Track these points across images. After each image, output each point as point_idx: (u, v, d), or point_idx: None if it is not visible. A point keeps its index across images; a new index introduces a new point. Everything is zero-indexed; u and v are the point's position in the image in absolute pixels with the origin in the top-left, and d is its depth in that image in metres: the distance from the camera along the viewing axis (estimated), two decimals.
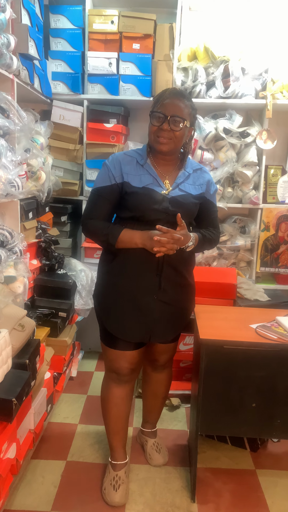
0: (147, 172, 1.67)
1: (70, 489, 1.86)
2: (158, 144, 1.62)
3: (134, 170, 1.67)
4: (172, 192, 1.66)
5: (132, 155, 1.71)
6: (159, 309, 1.71)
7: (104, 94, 2.70)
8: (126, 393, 1.83)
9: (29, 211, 2.24)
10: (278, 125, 2.84)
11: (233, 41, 2.65)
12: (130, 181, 1.65)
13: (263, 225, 2.81)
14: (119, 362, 1.75)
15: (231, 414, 1.74)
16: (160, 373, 1.98)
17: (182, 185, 1.69)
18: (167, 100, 1.59)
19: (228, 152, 2.71)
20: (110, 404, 1.82)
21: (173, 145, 1.63)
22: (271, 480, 1.95)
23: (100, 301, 1.79)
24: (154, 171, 1.68)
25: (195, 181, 1.73)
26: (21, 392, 1.60)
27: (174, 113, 1.57)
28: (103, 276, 1.78)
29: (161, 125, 1.58)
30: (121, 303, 1.71)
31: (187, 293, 1.81)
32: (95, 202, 1.71)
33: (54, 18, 2.64)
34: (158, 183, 1.66)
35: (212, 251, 2.80)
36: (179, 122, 1.58)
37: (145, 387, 2.06)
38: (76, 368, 2.84)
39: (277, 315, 1.91)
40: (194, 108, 1.67)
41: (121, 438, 1.87)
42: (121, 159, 1.69)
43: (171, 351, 1.92)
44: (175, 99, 1.59)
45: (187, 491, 1.86)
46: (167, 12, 2.74)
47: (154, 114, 1.60)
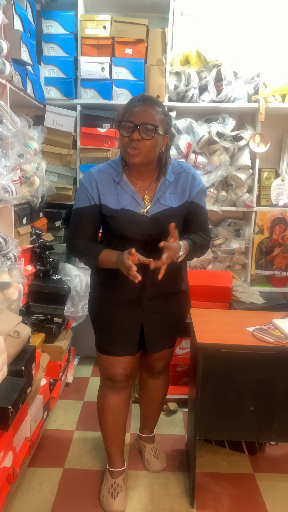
0: (124, 190, 1.58)
1: (68, 497, 1.84)
2: (129, 156, 1.51)
3: (111, 190, 1.58)
4: (152, 208, 1.57)
5: (108, 171, 1.61)
6: (149, 320, 1.67)
7: (97, 99, 2.70)
8: (122, 400, 1.80)
9: (23, 217, 2.23)
10: (271, 128, 2.86)
11: (225, 45, 2.67)
12: (107, 203, 1.57)
13: (257, 228, 2.82)
14: (114, 369, 1.73)
15: (229, 418, 1.73)
16: (156, 379, 1.96)
17: (162, 198, 1.59)
18: (136, 108, 1.48)
19: (221, 155, 2.73)
20: (106, 411, 1.80)
21: (145, 156, 1.50)
22: (270, 484, 1.95)
23: (91, 312, 1.78)
24: (132, 188, 1.59)
25: (177, 189, 1.62)
26: (17, 399, 1.59)
27: (144, 120, 1.45)
28: (93, 288, 1.76)
29: (131, 134, 1.47)
30: (108, 316, 1.69)
31: (180, 300, 1.76)
32: (78, 223, 1.64)
33: (47, 24, 2.65)
34: (137, 201, 1.57)
35: (207, 255, 2.81)
36: (150, 130, 1.46)
37: (141, 393, 2.04)
38: (72, 374, 2.81)
39: (273, 317, 1.91)
40: (167, 115, 1.56)
41: (119, 445, 1.85)
42: (97, 178, 1.59)
43: (167, 357, 1.90)
44: (145, 106, 1.48)
45: (186, 497, 1.85)
46: (159, 17, 2.75)
47: (122, 124, 1.49)
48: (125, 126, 1.49)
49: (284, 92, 2.65)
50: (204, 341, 1.68)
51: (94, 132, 2.69)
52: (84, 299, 2.56)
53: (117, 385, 1.76)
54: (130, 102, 1.52)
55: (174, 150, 2.69)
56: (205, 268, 2.86)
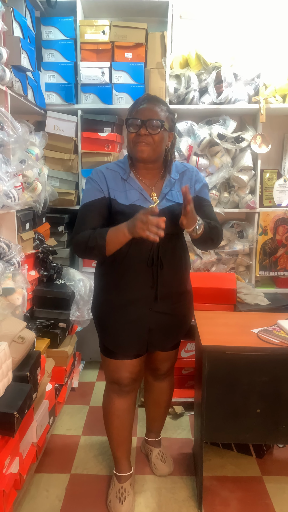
0: (132, 187, 1.62)
1: (75, 502, 1.83)
2: (137, 152, 1.57)
3: (119, 186, 1.62)
4: (160, 204, 1.61)
5: (115, 169, 1.66)
6: (155, 320, 1.68)
7: (97, 103, 2.71)
8: (129, 405, 1.80)
9: (26, 222, 2.23)
10: (272, 129, 2.86)
11: (225, 47, 2.68)
12: (116, 198, 1.60)
13: (260, 229, 2.81)
14: (120, 372, 1.73)
15: (235, 421, 1.72)
16: (161, 382, 1.96)
17: (169, 195, 1.64)
18: (142, 106, 1.57)
19: (223, 157, 2.72)
20: (113, 416, 1.80)
21: (152, 151, 1.57)
22: (279, 487, 1.93)
23: (96, 315, 1.77)
24: (139, 185, 1.63)
25: (183, 184, 1.67)
26: (22, 405, 1.58)
27: (150, 116, 1.54)
28: (98, 291, 1.76)
29: (138, 130, 1.54)
30: (115, 318, 1.68)
31: (185, 300, 1.78)
32: (84, 217, 1.62)
33: (46, 30, 2.66)
34: (145, 197, 1.61)
35: (210, 257, 2.80)
36: (156, 125, 1.53)
37: (147, 396, 2.04)
38: (77, 379, 2.81)
39: (278, 318, 1.90)
40: (172, 112, 1.64)
41: (125, 449, 1.85)
42: (106, 174, 1.64)
43: (172, 359, 1.90)
44: (150, 104, 1.57)
45: (194, 501, 1.84)
46: (158, 20, 2.76)
47: (130, 121, 1.56)
48: (132, 123, 1.56)
49: (285, 93, 2.65)
50: (209, 344, 1.67)
51: (95, 137, 2.70)
52: (89, 303, 2.56)
53: (123, 389, 1.76)
54: (136, 102, 1.61)
55: (176, 152, 2.69)
56: (209, 270, 2.86)
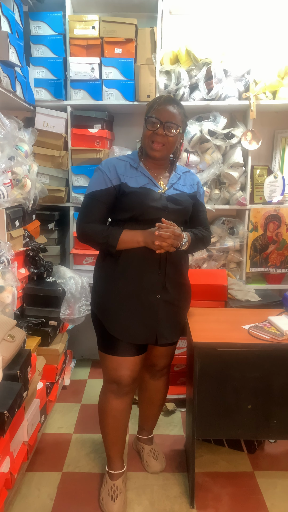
0: (142, 174, 1.71)
1: (67, 501, 1.82)
2: (152, 151, 1.66)
3: (129, 172, 1.70)
4: (168, 191, 1.71)
5: (125, 159, 1.74)
6: (163, 309, 1.70)
7: (87, 99, 2.68)
8: (125, 405, 1.79)
9: (16, 219, 2.21)
10: (262, 125, 2.86)
11: (215, 43, 2.66)
12: (127, 182, 1.66)
13: (251, 226, 2.82)
14: (121, 370, 1.71)
15: (227, 417, 1.73)
16: (157, 380, 1.95)
17: (176, 185, 1.74)
18: (162, 106, 1.63)
19: (213, 154, 2.72)
20: (109, 416, 1.78)
21: (166, 151, 1.68)
22: (270, 482, 1.94)
23: (101, 306, 1.74)
24: (148, 173, 1.72)
25: (186, 182, 1.79)
26: (13, 404, 1.57)
27: (168, 119, 1.61)
28: (102, 281, 1.74)
29: (156, 130, 1.62)
30: (125, 306, 1.68)
31: (186, 293, 1.82)
32: (91, 206, 1.69)
33: (35, 25, 2.63)
34: (154, 183, 1.70)
35: (201, 253, 2.80)
36: (172, 128, 1.62)
37: (141, 394, 2.03)
38: (69, 377, 2.80)
39: (269, 315, 1.91)
40: (186, 116, 1.72)
41: (119, 448, 1.84)
42: (115, 163, 1.71)
43: (170, 355, 1.91)
44: (170, 106, 1.63)
45: (186, 497, 1.84)
46: (147, 16, 2.74)
47: (149, 119, 1.63)
48: (151, 121, 1.63)
49: (275, 89, 2.65)
50: (200, 340, 1.67)
51: (85, 133, 2.68)
52: (80, 301, 2.54)
53: (122, 389, 1.74)
54: (157, 100, 1.67)
55: None
56: (200, 267, 2.86)
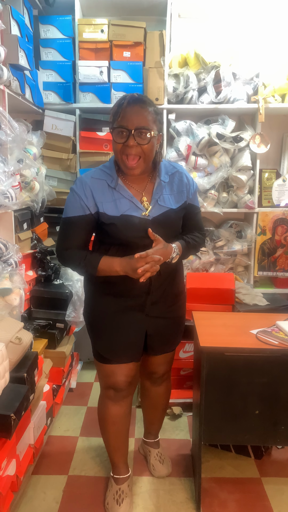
0: (121, 195, 1.53)
1: (73, 504, 1.81)
2: (128, 169, 1.48)
3: (107, 196, 1.52)
4: (153, 211, 1.53)
5: (101, 177, 1.55)
6: (152, 324, 1.66)
7: (96, 102, 2.69)
8: (124, 410, 1.77)
9: (24, 222, 2.22)
10: (271, 128, 2.85)
11: (224, 46, 2.66)
12: (105, 211, 1.50)
13: (259, 229, 2.80)
14: (115, 376, 1.69)
15: (234, 422, 1.71)
16: (158, 386, 1.92)
17: (160, 200, 1.56)
18: (127, 111, 1.42)
19: (222, 157, 2.71)
20: (108, 423, 1.77)
21: (144, 164, 1.48)
22: (277, 488, 1.92)
23: (88, 321, 1.73)
24: (129, 193, 1.54)
25: (173, 189, 1.60)
26: (19, 407, 1.57)
27: (138, 124, 1.41)
28: (89, 295, 1.70)
29: (126, 141, 1.42)
30: (109, 323, 1.64)
31: (179, 301, 1.76)
32: (69, 232, 1.57)
33: (44, 29, 2.64)
34: (136, 205, 1.53)
35: (209, 257, 2.79)
36: (145, 134, 1.42)
37: (144, 401, 2.01)
38: (75, 380, 2.80)
39: (277, 319, 1.89)
40: (159, 113, 1.52)
41: (122, 453, 1.83)
42: (91, 186, 1.52)
43: (169, 362, 1.88)
44: (136, 107, 1.42)
45: (192, 503, 1.83)
46: (156, 19, 2.75)
47: (115, 130, 1.44)
48: (118, 132, 1.43)
49: (284, 92, 2.64)
50: (208, 345, 1.66)
51: (94, 136, 2.68)
52: None
53: (119, 394, 1.72)
54: (120, 104, 1.45)
55: (174, 152, 2.68)
56: (207, 271, 2.84)
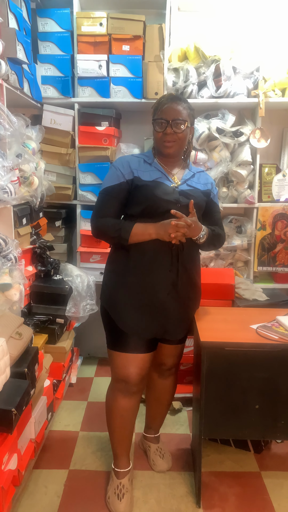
0: (156, 168, 1.74)
1: (74, 498, 1.83)
2: (165, 148, 1.70)
3: (143, 167, 1.74)
4: (181, 186, 1.73)
5: (139, 156, 1.80)
6: (171, 306, 1.72)
7: (95, 97, 2.67)
8: (133, 404, 1.79)
9: (23, 217, 2.21)
10: (271, 123, 2.83)
11: (224, 40, 2.64)
12: (140, 176, 1.71)
13: (259, 224, 2.80)
14: (129, 368, 1.71)
15: (234, 417, 1.72)
16: (165, 379, 1.96)
17: (189, 181, 1.77)
18: (166, 106, 1.68)
19: (222, 152, 2.70)
20: (116, 415, 1.79)
21: (178, 147, 1.71)
22: (277, 482, 1.93)
23: (110, 299, 1.76)
24: (162, 168, 1.76)
25: (200, 180, 1.81)
26: (20, 401, 1.57)
27: (174, 117, 1.65)
28: (113, 275, 1.77)
29: (164, 130, 1.66)
30: (133, 300, 1.70)
31: (196, 293, 1.84)
32: (104, 201, 1.74)
33: (42, 22, 2.62)
34: (167, 177, 1.73)
35: (209, 252, 2.79)
36: (180, 124, 1.66)
37: (149, 394, 2.03)
38: (75, 375, 2.80)
39: (277, 314, 1.90)
40: (192, 108, 1.75)
41: (126, 446, 1.85)
42: (129, 159, 1.76)
43: (178, 354, 1.92)
44: (173, 103, 1.68)
45: (192, 496, 1.84)
46: (156, 13, 2.72)
47: (156, 121, 1.69)
48: (158, 123, 1.68)
49: (284, 86, 2.62)
50: (208, 340, 1.66)
51: (93, 131, 2.67)
52: (85, 299, 2.54)
53: (130, 388, 1.74)
54: (160, 101, 1.72)
55: None
56: (207, 266, 2.84)
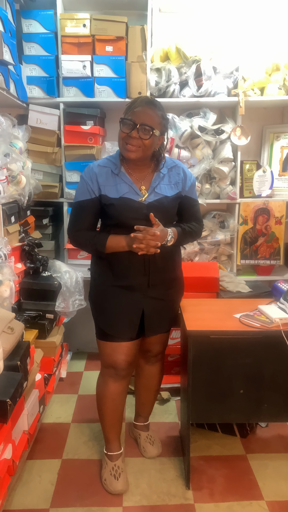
0: (123, 181, 1.71)
1: (68, 486, 1.89)
2: (126, 152, 1.66)
3: (110, 181, 1.71)
4: (149, 197, 1.71)
5: (107, 165, 1.74)
6: (149, 305, 1.78)
7: (79, 96, 2.72)
8: (123, 388, 1.88)
9: (11, 215, 2.25)
10: (251, 121, 2.93)
11: (204, 41, 2.72)
12: (107, 193, 1.69)
13: (241, 219, 2.89)
14: (116, 355, 1.80)
15: (220, 402, 1.81)
16: (152, 366, 2.03)
17: (157, 188, 1.74)
18: (138, 108, 1.62)
19: (204, 149, 2.78)
20: (107, 399, 1.87)
21: (141, 153, 1.66)
22: (262, 463, 2.03)
23: (93, 299, 1.86)
24: (129, 179, 1.72)
25: (171, 180, 1.77)
26: (14, 393, 1.63)
27: (143, 121, 1.60)
28: (95, 276, 1.85)
29: (130, 132, 1.61)
30: (111, 302, 1.78)
31: (176, 286, 1.89)
32: (78, 215, 1.76)
33: (26, 23, 2.66)
34: (134, 190, 1.71)
35: (193, 247, 2.87)
36: (148, 131, 1.60)
37: (137, 381, 2.11)
38: (65, 369, 2.85)
39: (259, 304, 1.98)
40: (165, 118, 1.71)
41: (117, 430, 1.93)
42: (97, 172, 1.72)
43: (163, 342, 1.98)
44: (146, 108, 1.62)
45: (182, 479, 1.92)
46: (137, 14, 2.78)
47: (124, 121, 1.63)
48: (126, 123, 1.62)
49: (263, 86, 2.72)
50: (194, 329, 1.74)
51: (78, 130, 2.72)
52: (74, 295, 2.59)
53: (119, 373, 1.82)
54: (134, 102, 1.66)
55: None
56: (192, 260, 2.93)
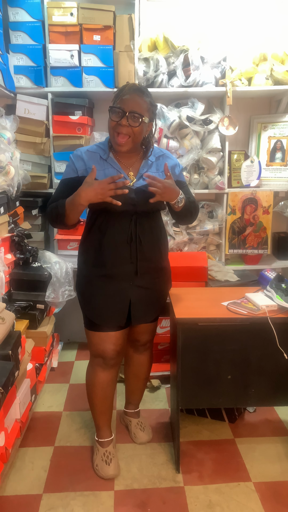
0: (111, 165, 1.72)
1: (60, 472, 1.92)
2: (117, 145, 1.66)
3: (98, 165, 1.70)
4: (137, 183, 1.72)
5: (95, 150, 1.75)
6: (136, 293, 1.79)
7: (67, 86, 2.71)
8: (112, 377, 1.90)
9: (0, 206, 2.25)
10: (239, 111, 2.95)
11: (191, 30, 2.71)
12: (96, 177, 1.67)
13: (229, 209, 2.92)
14: (104, 345, 1.81)
15: (208, 387, 1.85)
16: (141, 354, 2.06)
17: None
18: (126, 96, 1.61)
19: (192, 139, 2.80)
20: (97, 388, 1.89)
21: (132, 143, 1.66)
22: (249, 447, 2.08)
23: (79, 289, 1.86)
24: (118, 164, 1.73)
25: (158, 169, 1.78)
26: (6, 381, 1.65)
27: (132, 108, 1.59)
28: (81, 266, 1.85)
29: (119, 120, 1.61)
30: (97, 291, 1.78)
31: (163, 276, 1.89)
32: (60, 191, 1.77)
33: (13, 11, 2.62)
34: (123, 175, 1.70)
35: (182, 237, 2.90)
36: (137, 118, 1.60)
37: (127, 369, 2.14)
38: (56, 359, 2.88)
39: (246, 292, 2.02)
40: (154, 105, 1.71)
41: (107, 417, 1.96)
42: (85, 155, 1.74)
43: (151, 331, 2.00)
44: (134, 95, 1.62)
45: (172, 464, 1.97)
46: (125, 2, 2.76)
47: (113, 109, 1.62)
48: (115, 111, 1.62)
49: (250, 76, 2.73)
50: (182, 316, 1.78)
51: (66, 120, 2.71)
52: (64, 285, 2.61)
53: (108, 362, 1.84)
54: (122, 90, 1.65)
55: None
56: (181, 250, 2.96)
